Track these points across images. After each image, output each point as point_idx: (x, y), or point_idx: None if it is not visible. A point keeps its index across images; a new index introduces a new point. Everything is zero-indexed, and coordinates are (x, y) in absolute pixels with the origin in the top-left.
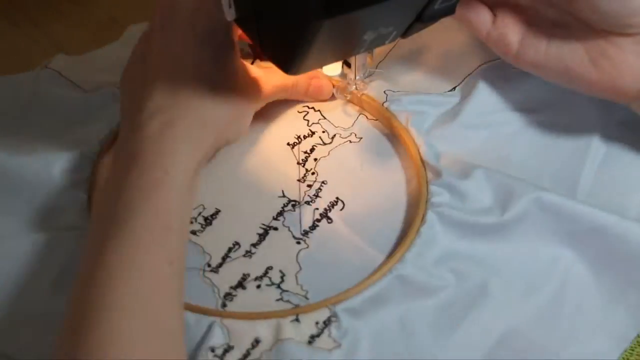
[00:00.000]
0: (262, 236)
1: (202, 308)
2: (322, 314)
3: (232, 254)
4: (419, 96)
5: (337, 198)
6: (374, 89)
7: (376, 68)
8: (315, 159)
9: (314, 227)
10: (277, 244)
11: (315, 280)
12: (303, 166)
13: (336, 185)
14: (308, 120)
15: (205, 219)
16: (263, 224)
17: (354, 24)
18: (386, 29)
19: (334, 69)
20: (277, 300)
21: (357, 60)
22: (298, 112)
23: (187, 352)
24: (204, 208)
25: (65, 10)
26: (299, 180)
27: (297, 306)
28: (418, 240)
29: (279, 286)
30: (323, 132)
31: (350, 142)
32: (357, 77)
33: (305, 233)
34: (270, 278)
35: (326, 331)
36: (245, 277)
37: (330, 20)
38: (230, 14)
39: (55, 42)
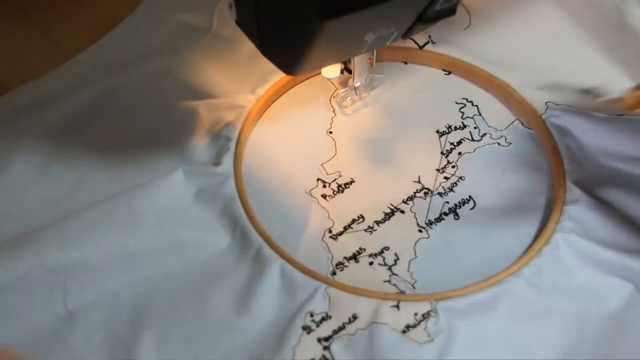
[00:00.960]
0: (388, 216)
1: (312, 272)
2: (423, 307)
3: (354, 226)
4: (581, 115)
5: (470, 197)
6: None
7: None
8: (460, 153)
9: (439, 219)
10: (400, 227)
11: (426, 271)
12: (446, 157)
13: (473, 183)
14: (463, 113)
15: (339, 186)
16: (392, 205)
17: (355, 25)
18: (387, 30)
19: (333, 71)
20: (385, 281)
21: (357, 67)
22: (456, 102)
23: (289, 311)
24: (340, 175)
25: (65, 10)
26: (437, 170)
27: (401, 292)
28: (538, 259)
29: (390, 268)
30: (475, 128)
31: (499, 144)
32: (358, 84)
33: (430, 223)
34: (384, 258)
35: (423, 324)
36: (360, 251)
37: (331, 21)
38: (231, 15)
39: (55, 42)
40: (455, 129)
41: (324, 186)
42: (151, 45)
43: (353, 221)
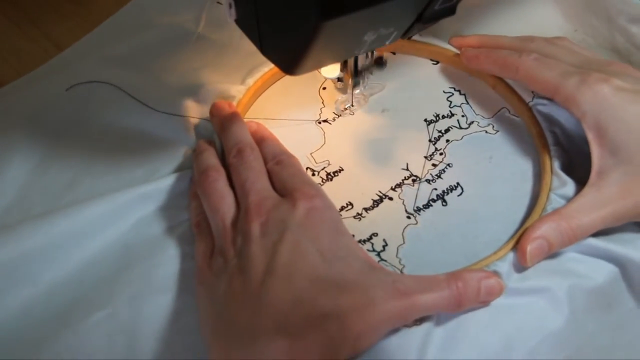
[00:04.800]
0: (376, 203)
1: None
2: None
3: (343, 213)
4: None
5: (457, 183)
6: None
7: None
8: (448, 140)
9: (427, 205)
10: (388, 214)
11: (414, 257)
12: (434, 144)
13: (460, 170)
14: (451, 102)
15: (328, 174)
16: (380, 192)
17: (355, 25)
18: (386, 30)
19: (332, 70)
20: None
21: (357, 73)
22: (443, 91)
23: None
24: (329, 164)
25: (65, 11)
26: (425, 157)
27: None
28: None
29: (379, 254)
30: (462, 116)
31: (487, 132)
32: (357, 92)
33: (418, 210)
34: (372, 244)
35: None
36: None
37: (331, 21)
38: (230, 15)
39: (55, 42)
40: (443, 117)
41: (313, 174)
42: (136, 43)
43: (342, 208)
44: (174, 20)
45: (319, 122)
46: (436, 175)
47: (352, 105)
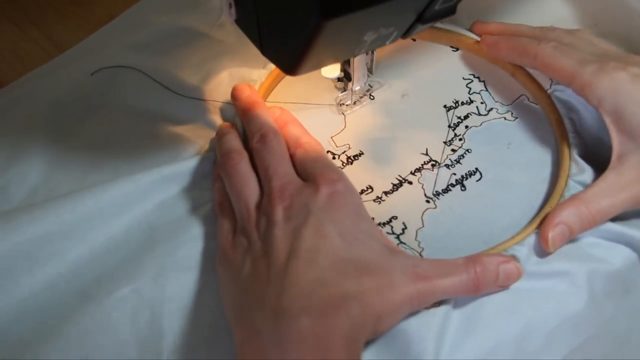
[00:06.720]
0: (396, 187)
1: None
2: None
3: (363, 196)
4: None
5: (476, 168)
6: None
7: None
8: (467, 127)
9: (446, 190)
10: (408, 197)
11: (433, 240)
12: (453, 130)
13: (479, 156)
14: (470, 89)
15: (348, 158)
16: (400, 176)
17: (355, 25)
18: (387, 30)
19: (332, 70)
20: None
21: (356, 72)
22: (463, 78)
23: None
24: (349, 147)
25: (65, 11)
26: (444, 143)
27: None
28: None
29: (398, 237)
30: (481, 103)
31: (505, 119)
32: (357, 88)
33: (437, 194)
34: (392, 227)
35: None
36: None
37: (331, 20)
38: (231, 15)
39: (55, 42)
40: (462, 104)
41: (334, 158)
42: (158, 31)
43: (362, 192)
44: (196, 8)
45: (339, 106)
46: (455, 160)
47: (353, 103)
